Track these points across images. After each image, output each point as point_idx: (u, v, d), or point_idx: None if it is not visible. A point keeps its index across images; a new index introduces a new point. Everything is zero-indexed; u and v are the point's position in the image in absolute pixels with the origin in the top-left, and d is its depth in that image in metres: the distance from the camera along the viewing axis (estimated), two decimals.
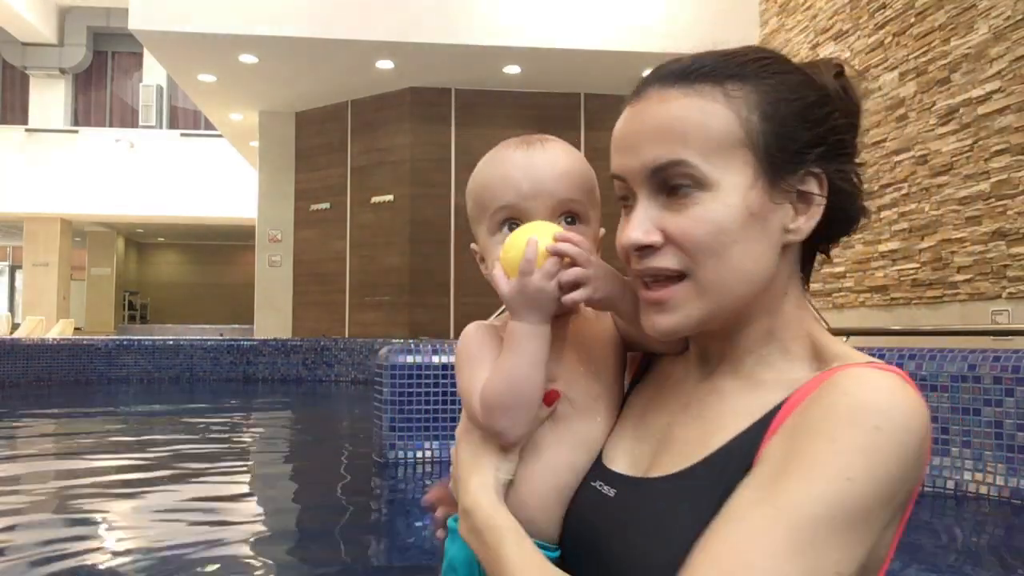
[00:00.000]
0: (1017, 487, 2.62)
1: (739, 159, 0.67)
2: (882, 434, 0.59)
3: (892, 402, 0.60)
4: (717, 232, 0.66)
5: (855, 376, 0.62)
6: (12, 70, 18.16)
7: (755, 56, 0.70)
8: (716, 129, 0.66)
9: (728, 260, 0.67)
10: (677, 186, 0.67)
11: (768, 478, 0.60)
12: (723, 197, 0.66)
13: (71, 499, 2.99)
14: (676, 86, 0.68)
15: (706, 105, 0.67)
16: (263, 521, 2.74)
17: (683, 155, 0.66)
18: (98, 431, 5.06)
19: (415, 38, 7.67)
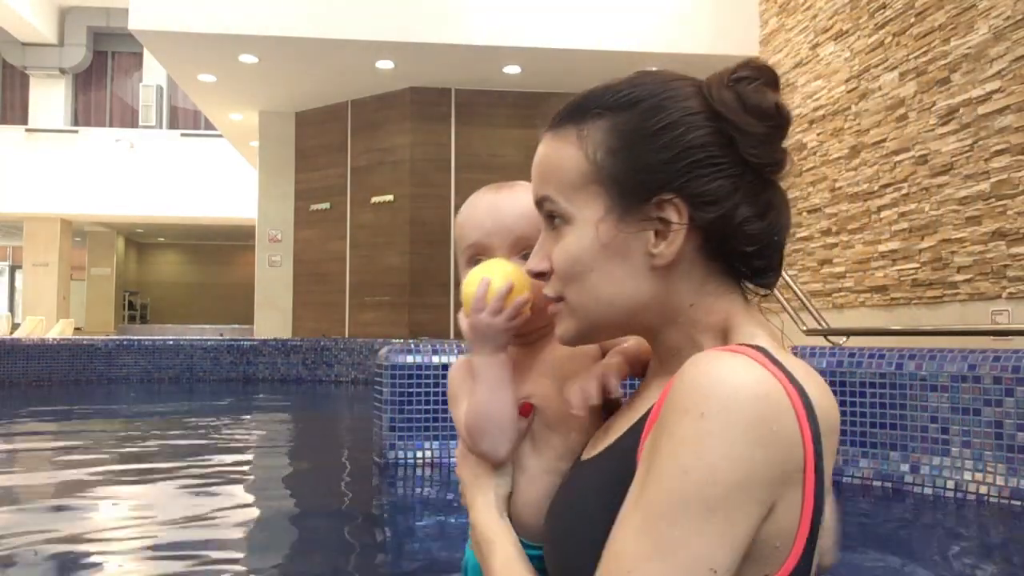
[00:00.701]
0: (1017, 487, 2.62)
1: (591, 194, 0.73)
2: (706, 420, 0.59)
3: (717, 384, 0.60)
4: (573, 262, 0.74)
5: (693, 363, 0.63)
6: (12, 70, 18.16)
7: (628, 86, 0.74)
8: (568, 170, 0.74)
9: (586, 285, 0.74)
10: (552, 218, 0.76)
11: (639, 478, 0.64)
12: (578, 230, 0.74)
13: (70, 500, 2.99)
14: (551, 129, 0.77)
15: (562, 148, 0.75)
16: (263, 521, 2.74)
17: (548, 192, 0.75)
18: (98, 431, 5.06)
19: (415, 38, 7.67)
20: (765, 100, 0.71)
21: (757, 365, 0.62)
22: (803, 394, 0.62)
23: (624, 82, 0.76)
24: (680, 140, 0.71)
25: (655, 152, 0.71)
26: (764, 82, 0.73)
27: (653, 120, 0.71)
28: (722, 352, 0.64)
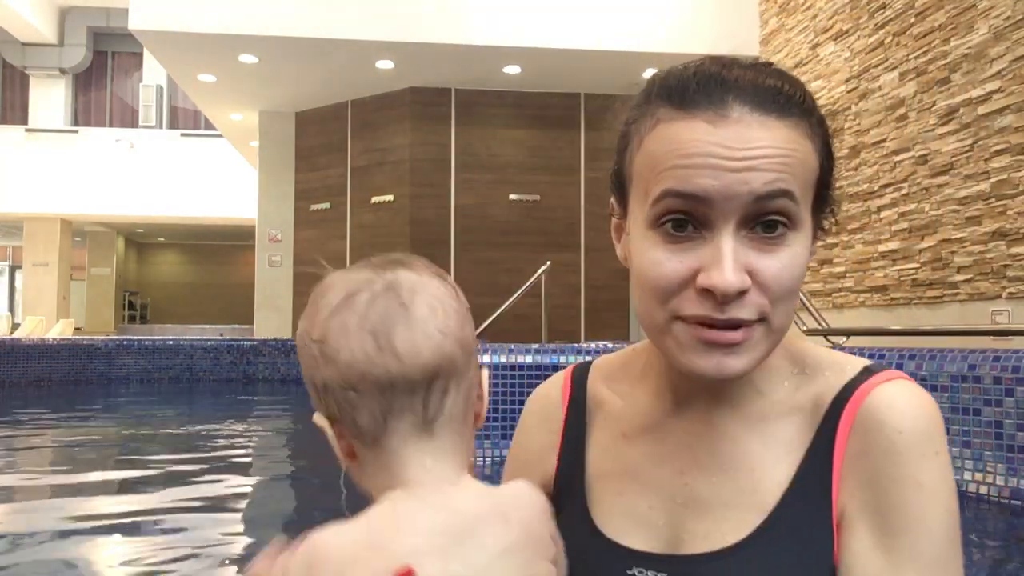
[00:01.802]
0: (1017, 487, 2.62)
1: (810, 199, 0.65)
2: (940, 455, 0.63)
3: (930, 418, 0.63)
4: (800, 277, 0.64)
5: (889, 404, 0.64)
6: (12, 70, 18.16)
7: (799, 80, 0.67)
8: (810, 167, 0.64)
9: (793, 303, 0.64)
10: (773, 223, 0.62)
11: (876, 546, 0.61)
12: (804, 240, 0.64)
13: (69, 499, 2.99)
14: (774, 113, 0.62)
15: (802, 141, 0.63)
16: (262, 521, 2.74)
17: (793, 188, 0.62)
18: (97, 431, 5.06)
19: (415, 38, 7.67)
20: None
21: (916, 386, 0.66)
22: None
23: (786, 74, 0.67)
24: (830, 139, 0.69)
25: (832, 161, 0.68)
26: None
27: (826, 122, 0.68)
28: (896, 384, 0.65)
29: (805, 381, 0.69)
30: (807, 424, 0.67)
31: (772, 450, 0.67)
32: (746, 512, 0.65)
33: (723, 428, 0.70)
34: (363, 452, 0.64)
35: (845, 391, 0.66)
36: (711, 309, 0.61)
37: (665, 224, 0.63)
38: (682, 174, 0.61)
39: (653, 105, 0.64)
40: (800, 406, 0.68)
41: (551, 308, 6.53)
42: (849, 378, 0.67)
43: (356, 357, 0.62)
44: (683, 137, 0.61)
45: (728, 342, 0.62)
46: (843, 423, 0.65)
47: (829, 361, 0.70)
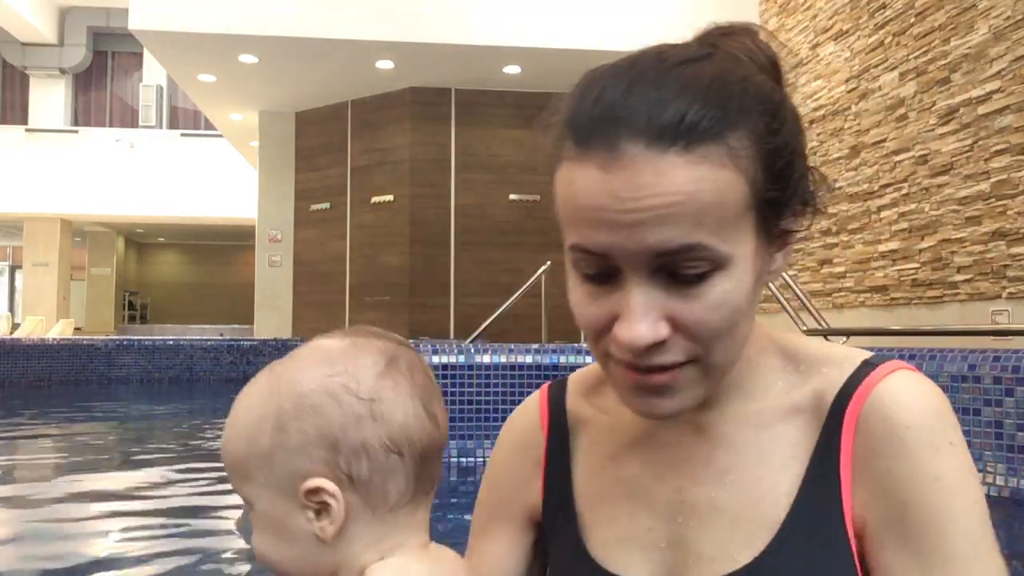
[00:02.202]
0: (1017, 487, 2.62)
1: (746, 224, 0.57)
2: (955, 445, 0.60)
3: (937, 408, 0.61)
4: (733, 314, 0.57)
5: (893, 400, 0.61)
6: (12, 70, 18.17)
7: (735, 77, 0.58)
8: (731, 202, 0.55)
9: (735, 336, 0.59)
10: (687, 269, 0.56)
11: (908, 555, 0.58)
12: (737, 274, 0.57)
13: (69, 499, 2.99)
14: (671, 150, 0.54)
15: (717, 175, 0.54)
16: None
17: (697, 237, 0.54)
18: (97, 431, 5.06)
19: (415, 38, 7.67)
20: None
21: (921, 375, 0.63)
22: None
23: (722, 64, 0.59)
24: (800, 131, 0.61)
25: (794, 157, 0.60)
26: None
27: (787, 125, 0.60)
28: (899, 376, 0.63)
29: (801, 379, 0.65)
30: (810, 425, 0.63)
31: (775, 457, 0.63)
32: (754, 527, 0.61)
33: (717, 437, 0.65)
34: (362, 522, 0.61)
35: (847, 388, 0.62)
36: (632, 356, 0.58)
37: (581, 272, 0.60)
38: (581, 229, 0.57)
39: (561, 136, 0.59)
40: (799, 406, 0.64)
41: (551, 308, 6.52)
42: (849, 373, 0.63)
43: (409, 422, 0.62)
44: (578, 184, 0.56)
45: (655, 385, 0.59)
46: (847, 423, 0.61)
47: (826, 356, 0.66)
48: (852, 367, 0.64)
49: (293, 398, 0.61)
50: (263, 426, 0.62)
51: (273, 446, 0.61)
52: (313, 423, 0.60)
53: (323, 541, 0.60)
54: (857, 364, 0.64)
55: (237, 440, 0.64)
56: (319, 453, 0.60)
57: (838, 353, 0.66)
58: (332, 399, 0.61)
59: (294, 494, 0.60)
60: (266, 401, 0.62)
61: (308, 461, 0.60)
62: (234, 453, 0.64)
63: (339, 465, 0.60)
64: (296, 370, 0.63)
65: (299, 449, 0.60)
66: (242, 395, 0.66)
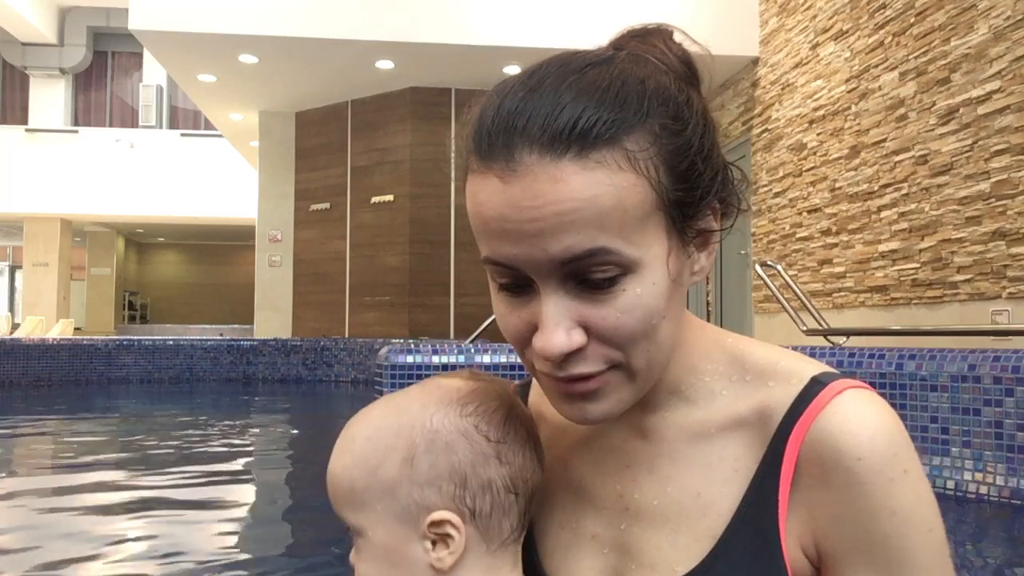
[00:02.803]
0: (1017, 487, 2.62)
1: (655, 226, 0.56)
2: (909, 473, 0.58)
3: (889, 434, 0.58)
4: (649, 317, 0.56)
5: (841, 427, 0.58)
6: (12, 70, 18.17)
7: (634, 78, 0.57)
8: (632, 205, 0.55)
9: (657, 338, 0.58)
10: (595, 274, 0.56)
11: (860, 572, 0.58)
12: (649, 276, 0.56)
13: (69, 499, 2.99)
14: (566, 156, 0.53)
15: (614, 179, 0.54)
16: (263, 521, 2.74)
17: (601, 242, 0.54)
18: (97, 431, 5.06)
19: (415, 38, 7.68)
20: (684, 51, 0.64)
21: (875, 396, 0.60)
22: None
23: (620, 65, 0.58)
24: (707, 130, 0.60)
25: (708, 159, 0.59)
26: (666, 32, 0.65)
27: (692, 126, 0.58)
28: (846, 399, 0.59)
29: (747, 390, 0.63)
30: (754, 441, 0.62)
31: (718, 470, 0.62)
32: (694, 539, 0.61)
33: (659, 444, 0.65)
34: (476, 555, 0.64)
35: (794, 408, 0.60)
36: (551, 368, 0.58)
37: (498, 284, 0.60)
38: (488, 241, 0.57)
39: (468, 148, 0.58)
40: (744, 420, 0.62)
41: None
42: (797, 392, 0.61)
43: (526, 464, 0.66)
44: (480, 197, 0.56)
45: (580, 392, 0.58)
46: (791, 446, 0.59)
47: (773, 368, 0.63)
48: (800, 384, 0.61)
49: (426, 434, 0.64)
50: (391, 457, 0.63)
51: (400, 478, 0.63)
52: (446, 460, 0.63)
53: (438, 571, 0.63)
54: (805, 382, 0.61)
55: (355, 469, 0.64)
56: (448, 488, 0.63)
57: (786, 367, 0.63)
58: (465, 439, 0.64)
59: (415, 524, 0.63)
60: (393, 434, 0.64)
61: (436, 494, 0.63)
62: (351, 481, 0.64)
63: (464, 500, 0.63)
64: (426, 407, 0.65)
65: (428, 482, 0.63)
66: (358, 426, 0.67)
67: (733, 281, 8.38)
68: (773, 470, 0.60)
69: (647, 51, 0.63)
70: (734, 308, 8.33)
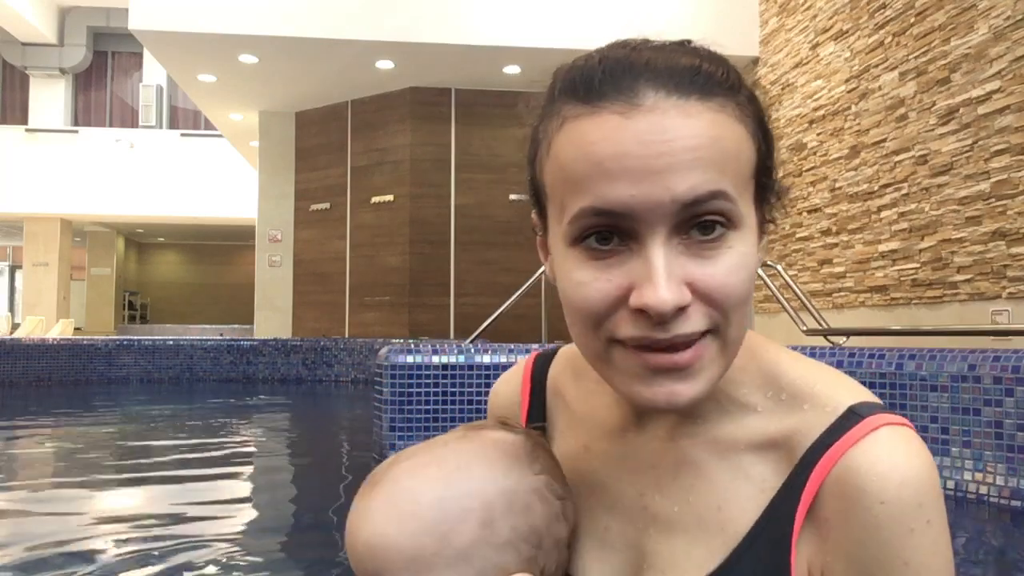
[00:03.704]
0: (1017, 487, 2.62)
1: (749, 193, 0.57)
2: (932, 524, 0.56)
3: (917, 481, 0.55)
4: (750, 280, 0.56)
5: (870, 468, 0.55)
6: (12, 70, 18.17)
7: (721, 56, 0.59)
8: (745, 158, 0.55)
9: (746, 310, 0.57)
10: (709, 225, 0.54)
11: None
12: (749, 238, 0.56)
13: (69, 499, 2.99)
14: (694, 95, 0.53)
15: (733, 125, 0.55)
16: (263, 521, 2.74)
17: (723, 185, 0.53)
18: (97, 431, 5.06)
19: (415, 38, 7.68)
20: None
21: (915, 439, 0.58)
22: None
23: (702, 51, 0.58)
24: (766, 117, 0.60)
25: (770, 139, 0.60)
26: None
27: (758, 103, 0.60)
28: (883, 437, 0.57)
29: (781, 411, 0.61)
30: (780, 465, 0.60)
31: (741, 488, 0.60)
32: (708, 552, 0.60)
33: (686, 451, 0.63)
34: None
35: (825, 438, 0.58)
36: (650, 329, 0.54)
37: (588, 239, 0.56)
38: (597, 186, 0.54)
39: (558, 103, 0.57)
40: (774, 441, 0.60)
41: (551, 308, 6.52)
42: (831, 422, 0.58)
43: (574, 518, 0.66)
44: (592, 136, 0.54)
45: (676, 366, 0.55)
46: (815, 477, 0.57)
47: (810, 391, 0.61)
48: (834, 414, 0.59)
49: (503, 495, 0.61)
50: (467, 520, 0.59)
51: (476, 541, 0.59)
52: (525, 521, 0.61)
53: None
54: (840, 411, 0.59)
55: (424, 536, 0.59)
56: (526, 549, 0.60)
57: (822, 391, 0.60)
58: (540, 498, 0.62)
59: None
60: (466, 496, 0.60)
61: (515, 557, 0.60)
62: (416, 549, 0.59)
63: (537, 560, 0.61)
64: (494, 465, 0.62)
65: (507, 545, 0.60)
66: (413, 491, 0.60)
67: None
68: (793, 495, 0.58)
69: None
70: None
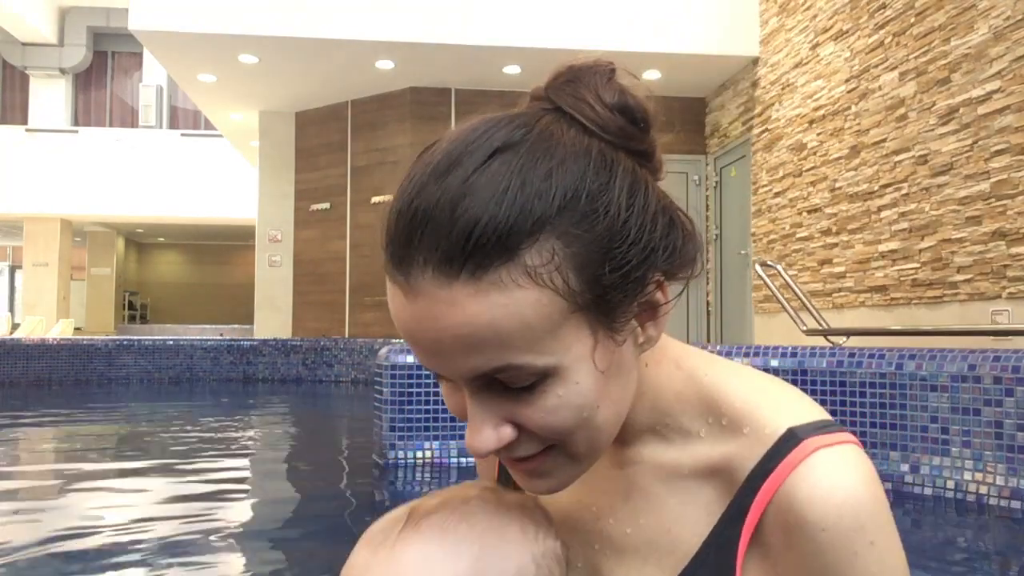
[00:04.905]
0: (1017, 487, 2.62)
1: (572, 328, 0.53)
2: (876, 544, 0.55)
3: (857, 503, 0.54)
4: (577, 413, 0.55)
5: (808, 495, 0.55)
6: (12, 70, 18.17)
7: (538, 174, 0.52)
8: (538, 320, 0.51)
9: (595, 424, 0.56)
10: (512, 383, 0.54)
11: None
12: (571, 377, 0.54)
13: (69, 499, 2.99)
14: (460, 278, 0.50)
15: (513, 298, 0.50)
16: (263, 521, 2.74)
17: (505, 360, 0.52)
18: (97, 431, 5.06)
19: (415, 38, 7.67)
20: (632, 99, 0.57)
21: (850, 446, 0.57)
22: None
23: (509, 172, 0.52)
24: (635, 200, 0.55)
25: (628, 244, 0.54)
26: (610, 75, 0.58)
27: (599, 205, 0.53)
28: (816, 457, 0.56)
29: (722, 436, 0.61)
30: (724, 490, 0.60)
31: (690, 511, 0.61)
32: (660, 571, 0.61)
33: (635, 476, 0.64)
34: None
35: (765, 462, 0.57)
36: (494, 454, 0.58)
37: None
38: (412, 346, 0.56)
39: (382, 245, 0.56)
40: (717, 467, 0.60)
41: None
42: (768, 446, 0.57)
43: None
44: (393, 305, 0.55)
45: (524, 470, 0.59)
46: (756, 505, 0.57)
47: (750, 415, 0.60)
48: (773, 438, 0.58)
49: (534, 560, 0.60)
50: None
51: None
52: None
53: None
54: (779, 434, 0.58)
55: None
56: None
57: (762, 415, 0.59)
58: (556, 562, 0.62)
59: None
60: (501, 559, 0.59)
61: None
62: None
63: None
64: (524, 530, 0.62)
65: None
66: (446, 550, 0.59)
67: (733, 281, 8.38)
68: (737, 521, 0.58)
69: (574, 107, 0.56)
70: (734, 308, 8.33)
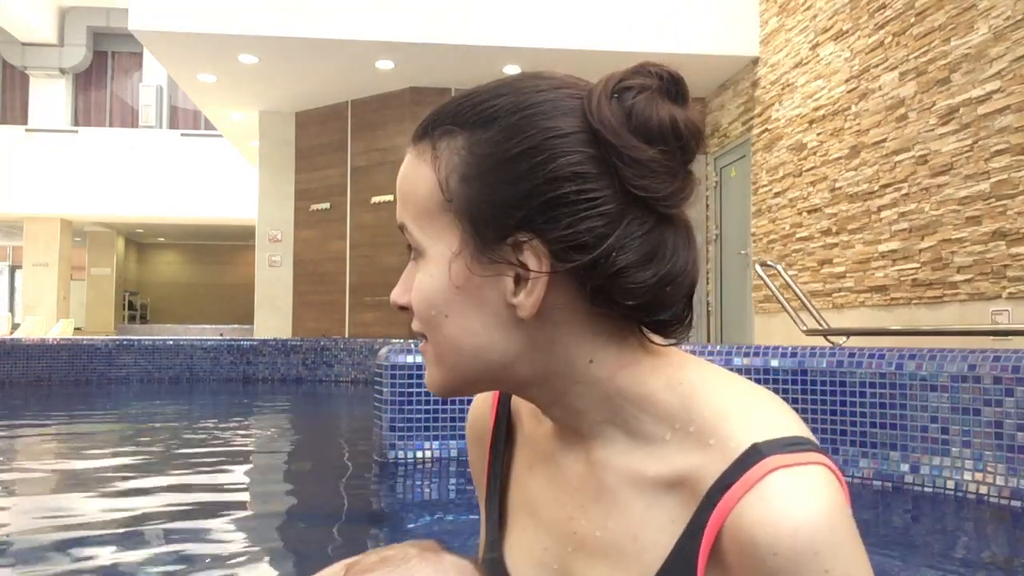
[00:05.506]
0: (1017, 487, 2.62)
1: (445, 225, 0.61)
2: (831, 570, 0.53)
3: (812, 531, 0.53)
4: (427, 303, 0.62)
5: (761, 518, 0.53)
6: (12, 70, 18.18)
7: (490, 96, 0.61)
8: (423, 195, 0.62)
9: (444, 331, 0.62)
10: (412, 249, 0.64)
11: None
12: (430, 266, 0.62)
13: (68, 499, 2.99)
14: (412, 143, 0.65)
15: (419, 167, 0.62)
16: (262, 521, 2.74)
17: (404, 219, 0.64)
18: (97, 431, 5.06)
19: (415, 38, 7.67)
20: (655, 115, 0.58)
21: (816, 467, 0.55)
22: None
23: (488, 90, 0.62)
24: (541, 170, 0.57)
25: (511, 184, 0.58)
26: (658, 90, 0.59)
27: (511, 143, 0.58)
28: (773, 477, 0.54)
29: (689, 444, 0.59)
30: (687, 501, 0.59)
31: (655, 518, 0.60)
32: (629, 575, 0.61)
33: (602, 477, 0.63)
34: None
35: (725, 477, 0.56)
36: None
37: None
38: None
39: None
40: (681, 476, 0.59)
41: None
42: (731, 461, 0.56)
43: None
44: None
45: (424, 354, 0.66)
46: (713, 520, 0.56)
47: (717, 426, 0.58)
48: (736, 453, 0.56)
49: None
50: None
51: None
52: None
53: None
54: (742, 450, 0.56)
55: None
56: None
57: (730, 427, 0.58)
58: None
59: None
60: None
61: None
62: None
63: None
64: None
65: None
66: None
67: (733, 281, 8.38)
68: (697, 535, 0.57)
69: (625, 90, 0.61)
70: (734, 308, 8.33)
